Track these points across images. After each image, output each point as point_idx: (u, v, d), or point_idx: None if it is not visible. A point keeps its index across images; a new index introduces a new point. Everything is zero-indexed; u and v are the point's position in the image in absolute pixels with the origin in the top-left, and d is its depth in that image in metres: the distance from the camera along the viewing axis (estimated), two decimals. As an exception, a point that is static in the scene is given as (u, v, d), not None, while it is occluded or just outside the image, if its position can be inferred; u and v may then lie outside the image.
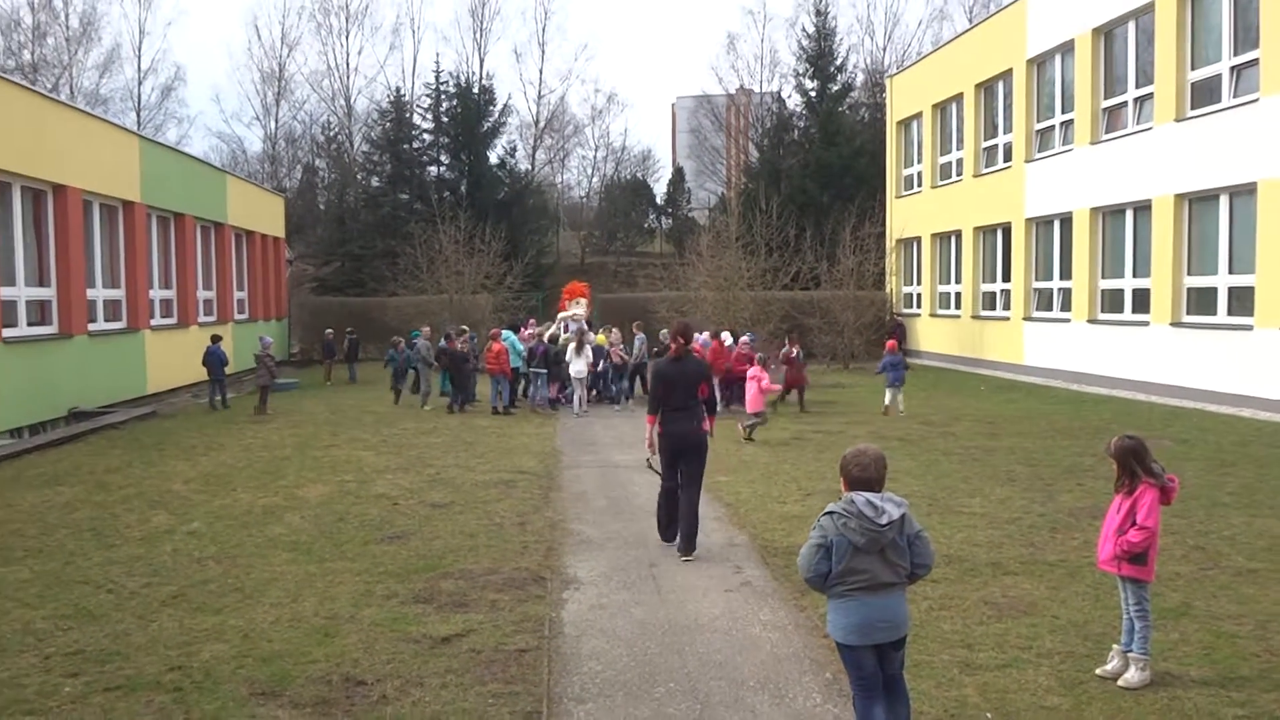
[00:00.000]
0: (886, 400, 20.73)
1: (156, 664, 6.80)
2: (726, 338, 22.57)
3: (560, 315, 26.09)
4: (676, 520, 9.83)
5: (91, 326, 21.56)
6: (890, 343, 21.71)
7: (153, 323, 24.90)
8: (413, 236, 37.49)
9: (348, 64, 61.20)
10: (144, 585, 8.66)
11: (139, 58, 62.62)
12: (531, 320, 29.11)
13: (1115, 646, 6.59)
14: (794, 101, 55.93)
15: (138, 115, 60.69)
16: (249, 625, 7.57)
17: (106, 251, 23.08)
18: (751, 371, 18.31)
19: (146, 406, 22.16)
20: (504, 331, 22.78)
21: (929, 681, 6.40)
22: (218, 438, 17.96)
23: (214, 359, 23.24)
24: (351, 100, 60.40)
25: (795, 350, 21.81)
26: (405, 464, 15.03)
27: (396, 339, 25.60)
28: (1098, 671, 6.51)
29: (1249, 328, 20.20)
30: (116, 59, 62.23)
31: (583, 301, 27.12)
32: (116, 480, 13.79)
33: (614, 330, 24.62)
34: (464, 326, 25.10)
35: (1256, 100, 20.09)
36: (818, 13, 51.68)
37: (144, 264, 24.33)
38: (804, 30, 53.38)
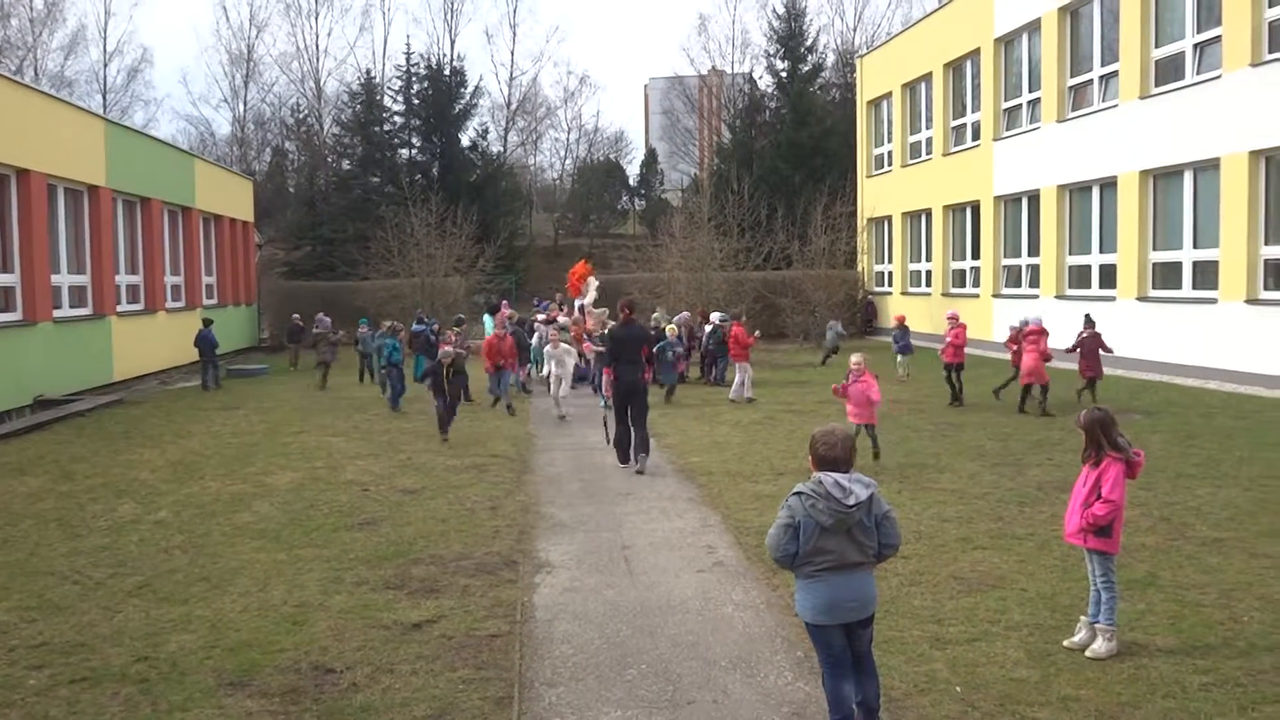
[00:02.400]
0: (900, 372, 22.24)
1: (123, 655, 6.75)
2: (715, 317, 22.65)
3: (585, 303, 24.93)
4: (629, 449, 13.09)
5: (56, 313, 21.35)
6: (899, 316, 22.34)
7: (119, 309, 24.67)
8: (384, 220, 37.30)
9: (317, 46, 61.23)
10: (110, 575, 8.59)
11: (104, 39, 62.28)
12: (505, 302, 28.89)
13: (1083, 618, 6.64)
14: (765, 82, 56.01)
15: (103, 98, 60.19)
16: (217, 615, 7.52)
17: (71, 236, 22.83)
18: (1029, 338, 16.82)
19: (114, 394, 21.98)
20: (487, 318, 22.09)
21: (899, 657, 6.43)
22: (186, 425, 17.83)
23: (205, 342, 24.32)
24: (321, 82, 60.06)
25: (1088, 333, 18.11)
26: (376, 450, 14.96)
27: (396, 324, 22.20)
28: (1065, 643, 6.57)
29: (1213, 301, 20.40)
30: (81, 41, 61.92)
31: (592, 282, 26.09)
32: (82, 469, 13.66)
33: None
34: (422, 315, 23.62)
35: (1219, 77, 20.23)
36: (788, -8, 51.61)
37: (110, 249, 24.09)
38: (774, 11, 53.52)
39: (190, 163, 31.99)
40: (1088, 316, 18.68)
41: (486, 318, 23.14)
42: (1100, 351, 17.90)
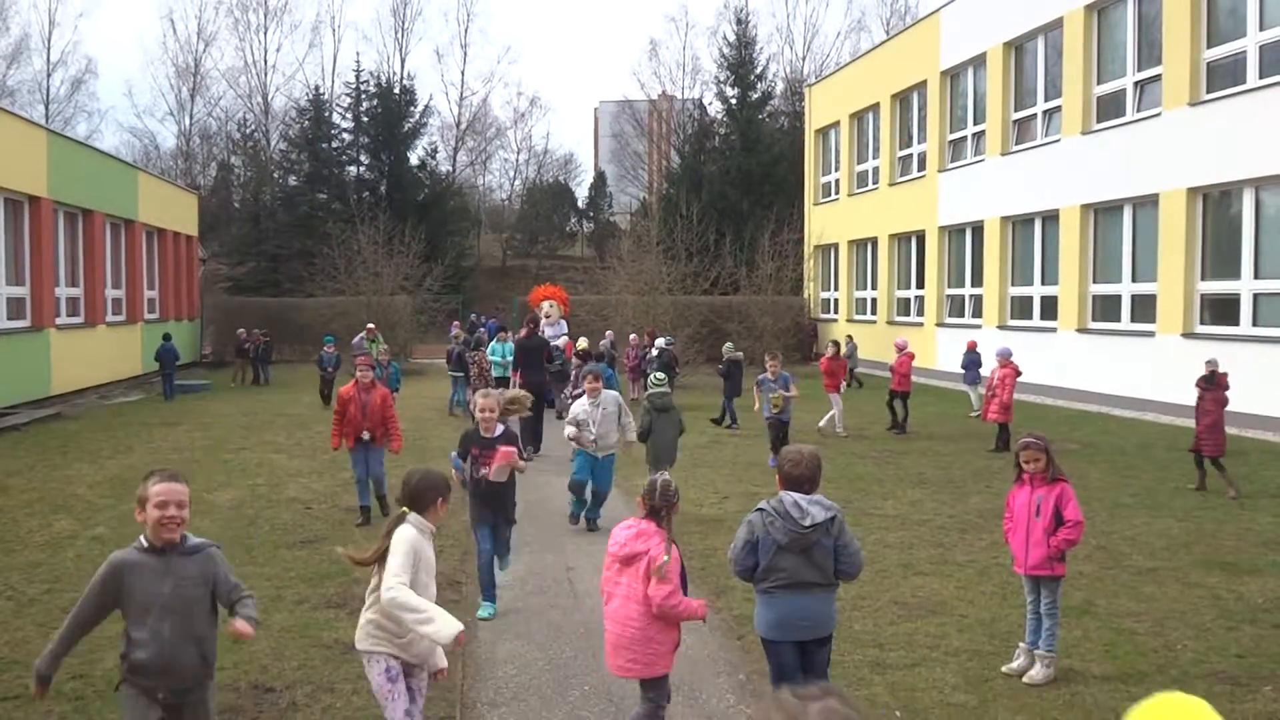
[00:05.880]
0: (974, 402, 20.59)
1: (57, 673, 6.60)
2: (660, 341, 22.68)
3: (556, 331, 24.36)
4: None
5: (-7, 325, 20.94)
6: (970, 341, 21.67)
7: (58, 321, 24.22)
8: (330, 237, 36.97)
9: (265, 61, 60.37)
10: (45, 592, 8.45)
11: (48, 49, 61.19)
12: (455, 323, 28.80)
13: (1021, 644, 6.74)
14: (715, 108, 56.44)
15: (46, 108, 59.23)
16: (155, 631, 7.40)
17: (10, 247, 22.38)
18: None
19: (51, 407, 21.58)
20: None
21: (840, 681, 6.47)
22: (125, 440, 17.55)
23: (168, 354, 25.98)
24: (269, 98, 59.56)
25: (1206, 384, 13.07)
26: (319, 467, 14.81)
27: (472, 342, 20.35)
28: (1004, 669, 6.66)
29: (1151, 334, 20.79)
30: (25, 50, 60.74)
31: (545, 305, 25.67)
32: (17, 484, 13.40)
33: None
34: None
35: (1159, 114, 20.69)
36: (738, 21, 52.22)
37: (50, 261, 23.65)
38: (725, 38, 53.90)
39: (134, 175, 31.57)
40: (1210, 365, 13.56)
41: (494, 345, 22.05)
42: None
